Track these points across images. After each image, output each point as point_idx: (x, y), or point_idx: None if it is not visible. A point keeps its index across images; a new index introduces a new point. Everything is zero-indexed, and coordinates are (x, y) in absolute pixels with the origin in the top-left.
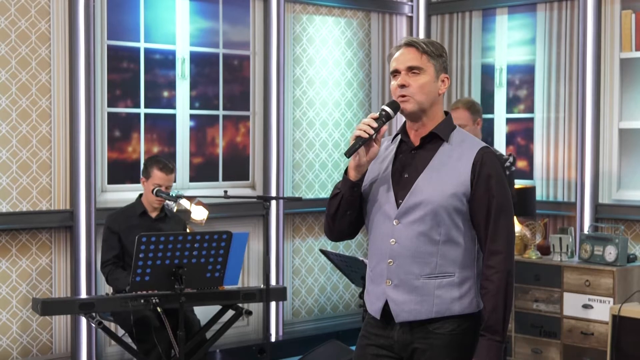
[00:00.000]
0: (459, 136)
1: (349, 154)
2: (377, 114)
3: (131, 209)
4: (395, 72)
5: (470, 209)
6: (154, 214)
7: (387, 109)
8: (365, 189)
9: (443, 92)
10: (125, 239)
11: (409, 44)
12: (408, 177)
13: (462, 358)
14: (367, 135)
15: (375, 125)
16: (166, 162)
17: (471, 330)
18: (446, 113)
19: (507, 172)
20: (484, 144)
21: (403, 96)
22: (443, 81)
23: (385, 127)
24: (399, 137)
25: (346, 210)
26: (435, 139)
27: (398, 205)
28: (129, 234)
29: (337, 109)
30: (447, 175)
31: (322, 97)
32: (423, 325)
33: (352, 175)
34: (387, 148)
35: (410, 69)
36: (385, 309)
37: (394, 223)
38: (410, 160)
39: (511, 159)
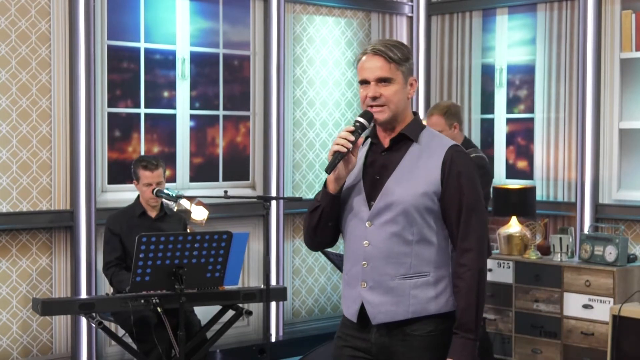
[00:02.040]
0: (429, 136)
1: (329, 170)
2: (352, 127)
3: (130, 209)
4: (365, 82)
5: (441, 208)
6: (153, 214)
7: (362, 120)
8: (343, 193)
9: (412, 95)
10: (126, 240)
11: (376, 53)
12: (379, 179)
13: (441, 359)
14: (345, 150)
15: (352, 138)
16: (149, 160)
17: (449, 331)
18: (414, 113)
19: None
20: (453, 143)
21: (375, 106)
22: (412, 84)
23: (361, 139)
24: (369, 140)
25: (327, 222)
26: (405, 140)
27: (370, 207)
28: (129, 235)
29: (338, 109)
30: (418, 175)
31: (323, 97)
32: (400, 327)
33: (332, 188)
34: (359, 151)
35: (380, 80)
36: (362, 311)
37: (367, 225)
38: (381, 162)
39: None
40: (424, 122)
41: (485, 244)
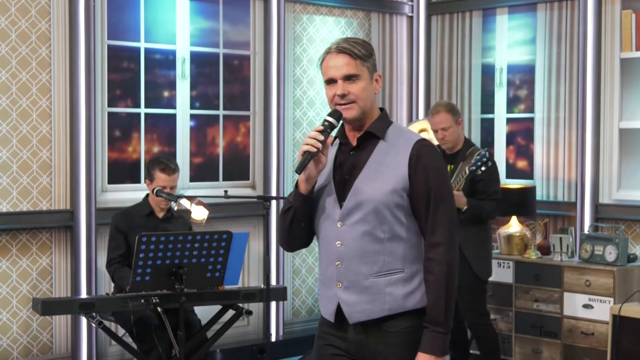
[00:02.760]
0: (395, 132)
1: (299, 170)
2: (321, 127)
3: (138, 208)
4: (331, 81)
5: (410, 204)
6: (160, 214)
7: (330, 119)
8: (315, 194)
9: (378, 91)
10: (131, 239)
11: (341, 51)
12: (349, 179)
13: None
14: (315, 150)
15: (321, 137)
16: (168, 163)
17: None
18: (381, 109)
19: (485, 168)
20: (420, 137)
21: (344, 104)
22: (377, 80)
23: (330, 138)
24: (338, 140)
25: (300, 222)
26: (372, 138)
27: (341, 207)
28: (135, 234)
29: None
30: (385, 172)
31: (323, 97)
32: (377, 324)
33: (303, 189)
34: (329, 152)
35: (347, 78)
36: (338, 311)
37: (339, 225)
38: (350, 161)
39: (487, 155)
40: (428, 121)
41: (455, 237)
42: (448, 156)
